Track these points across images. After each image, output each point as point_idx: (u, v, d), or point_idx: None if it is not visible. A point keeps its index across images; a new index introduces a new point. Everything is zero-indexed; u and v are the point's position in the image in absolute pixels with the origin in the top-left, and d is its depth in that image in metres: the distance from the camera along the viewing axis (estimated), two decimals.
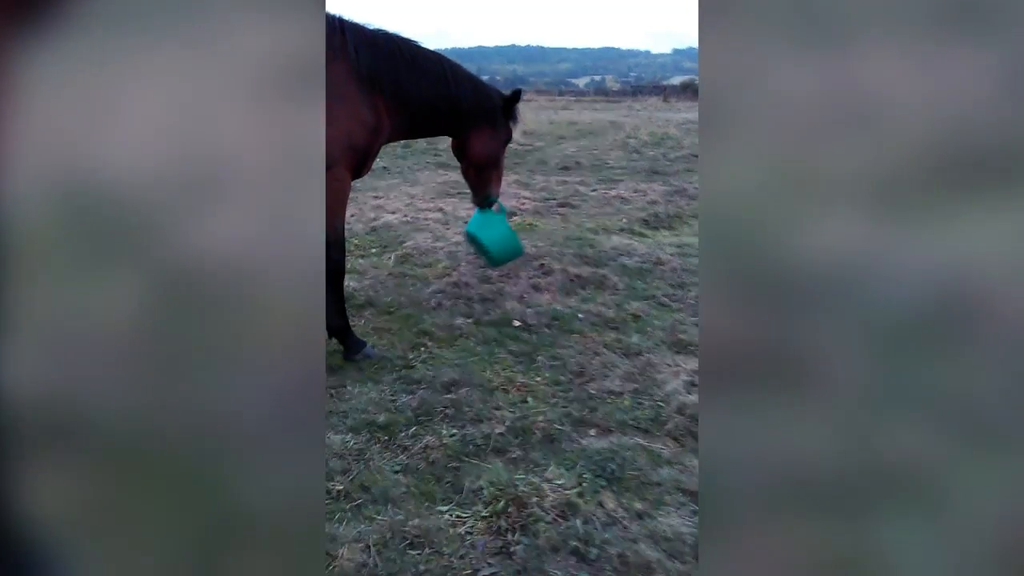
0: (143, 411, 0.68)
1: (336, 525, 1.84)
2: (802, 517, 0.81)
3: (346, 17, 2.75)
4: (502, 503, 1.91)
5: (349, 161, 2.71)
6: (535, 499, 1.93)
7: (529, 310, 3.45)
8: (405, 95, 2.86)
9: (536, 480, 2.04)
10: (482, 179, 3.24)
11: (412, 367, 2.82)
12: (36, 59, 0.58)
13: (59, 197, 0.62)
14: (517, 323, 3.30)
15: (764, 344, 0.82)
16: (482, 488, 1.99)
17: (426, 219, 5.43)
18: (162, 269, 0.68)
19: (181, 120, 0.66)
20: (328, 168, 2.63)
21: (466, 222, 5.17)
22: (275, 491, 0.72)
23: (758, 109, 0.81)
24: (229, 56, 0.68)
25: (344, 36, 2.68)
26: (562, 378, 2.75)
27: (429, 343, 3.07)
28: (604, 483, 2.05)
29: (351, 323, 3.01)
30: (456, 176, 7.77)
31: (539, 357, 2.94)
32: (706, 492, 0.85)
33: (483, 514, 1.89)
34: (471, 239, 3.41)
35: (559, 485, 2.02)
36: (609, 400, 2.56)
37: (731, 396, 0.82)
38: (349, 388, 2.64)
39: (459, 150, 3.27)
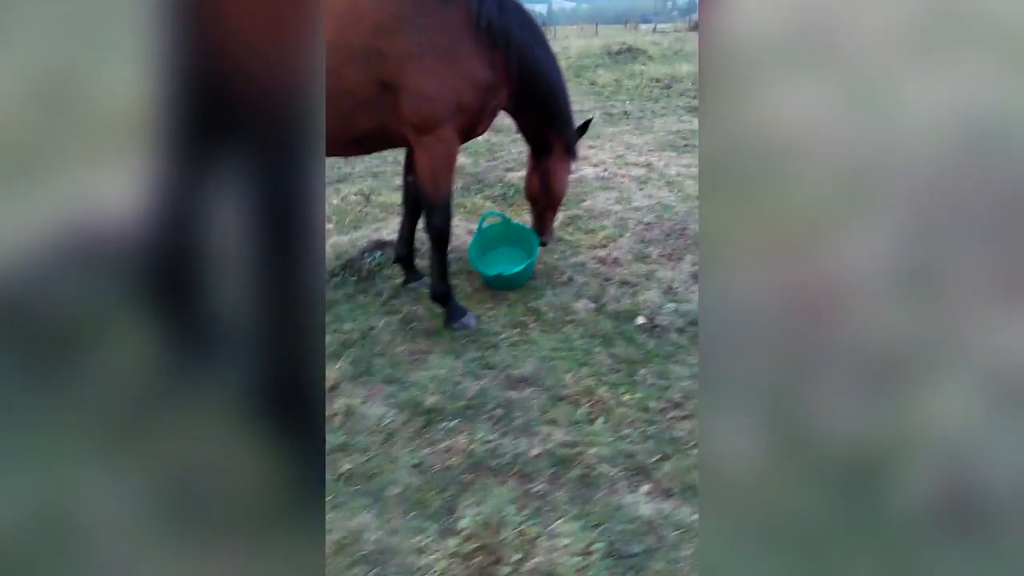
0: None
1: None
2: None
3: None
4: (477, 546, 1.64)
5: (458, 122, 2.47)
6: (517, 556, 1.61)
7: (669, 306, 2.88)
8: (528, 61, 2.50)
9: (536, 529, 1.69)
10: (553, 214, 3.16)
11: (497, 348, 2.60)
12: None
13: None
14: (642, 320, 2.78)
15: None
16: (473, 517, 1.73)
17: (622, 177, 4.93)
18: None
19: None
20: (432, 128, 2.44)
21: (671, 183, 4.58)
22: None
23: None
24: None
25: None
26: (652, 406, 2.23)
27: (532, 324, 2.79)
28: (617, 570, 1.61)
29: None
30: (689, 126, 6.90)
31: (642, 370, 2.44)
32: None
33: (452, 550, 1.65)
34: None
35: (558, 546, 1.65)
36: (691, 452, 1.99)
37: None
38: (431, 358, 2.55)
39: (541, 184, 3.01)
